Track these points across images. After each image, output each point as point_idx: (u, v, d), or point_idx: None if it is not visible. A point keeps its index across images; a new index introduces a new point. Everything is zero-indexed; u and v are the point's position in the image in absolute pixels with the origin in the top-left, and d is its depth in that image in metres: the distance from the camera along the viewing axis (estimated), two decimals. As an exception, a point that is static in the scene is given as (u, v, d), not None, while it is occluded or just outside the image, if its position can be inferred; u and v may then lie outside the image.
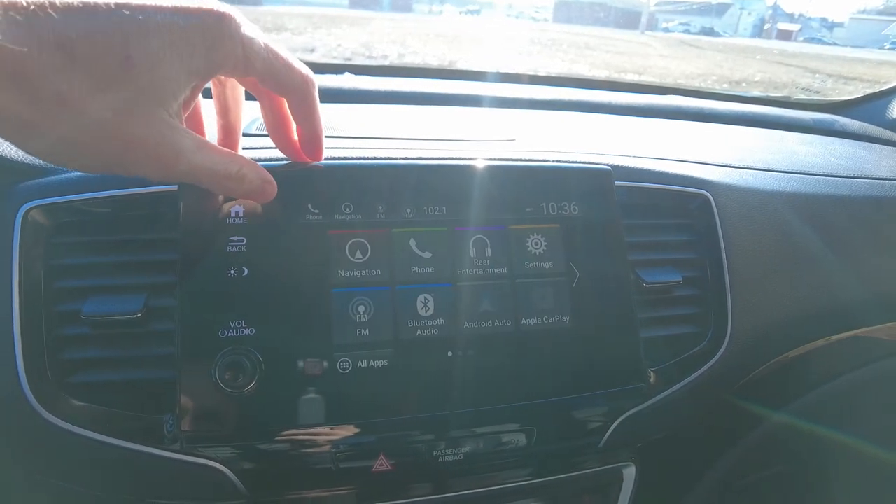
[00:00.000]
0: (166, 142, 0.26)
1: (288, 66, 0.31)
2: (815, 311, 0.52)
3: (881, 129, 0.90)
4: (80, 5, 0.23)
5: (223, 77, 0.34)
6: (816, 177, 0.59)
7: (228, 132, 0.37)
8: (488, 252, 0.40)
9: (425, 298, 0.38)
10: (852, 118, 0.93)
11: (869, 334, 0.59)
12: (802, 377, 0.59)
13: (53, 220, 0.37)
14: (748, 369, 0.51)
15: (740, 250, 0.48)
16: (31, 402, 0.34)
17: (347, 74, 0.78)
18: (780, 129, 0.84)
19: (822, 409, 0.58)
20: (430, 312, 0.38)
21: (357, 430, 0.36)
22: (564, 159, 0.45)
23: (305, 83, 0.32)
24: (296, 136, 0.36)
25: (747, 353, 0.48)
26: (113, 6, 0.24)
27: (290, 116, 0.34)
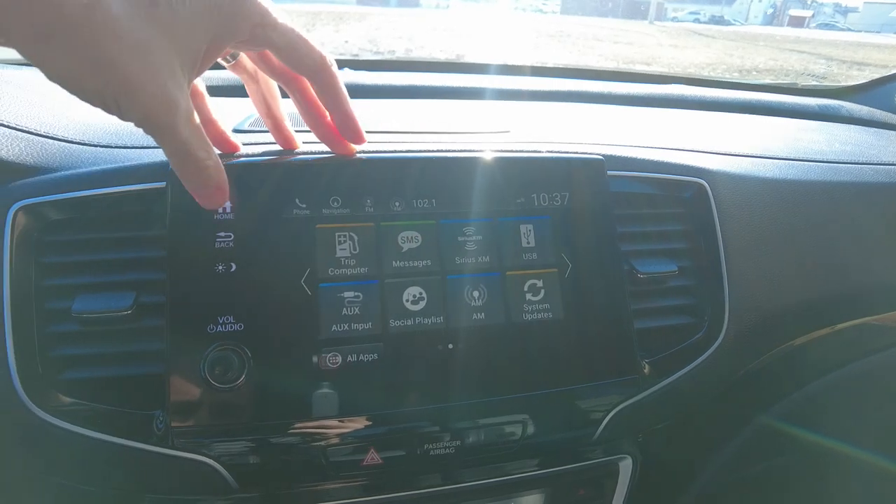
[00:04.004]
0: (167, 91, 0.27)
1: (305, 43, 0.32)
2: (816, 299, 0.51)
3: (890, 115, 0.88)
4: None
5: (254, 72, 0.37)
6: (819, 163, 0.58)
7: (278, 127, 0.39)
8: (478, 244, 0.40)
9: (414, 292, 0.38)
10: (861, 104, 0.91)
11: (874, 322, 0.58)
12: (805, 367, 0.58)
13: (43, 219, 0.37)
14: (748, 359, 0.50)
15: (737, 239, 0.47)
16: (22, 399, 0.35)
17: (347, 70, 0.77)
18: (786, 116, 0.82)
19: (827, 399, 0.57)
20: (419, 306, 0.38)
21: (346, 424, 0.36)
22: (557, 150, 0.44)
23: (322, 60, 0.33)
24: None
25: (746, 343, 0.47)
26: None
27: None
